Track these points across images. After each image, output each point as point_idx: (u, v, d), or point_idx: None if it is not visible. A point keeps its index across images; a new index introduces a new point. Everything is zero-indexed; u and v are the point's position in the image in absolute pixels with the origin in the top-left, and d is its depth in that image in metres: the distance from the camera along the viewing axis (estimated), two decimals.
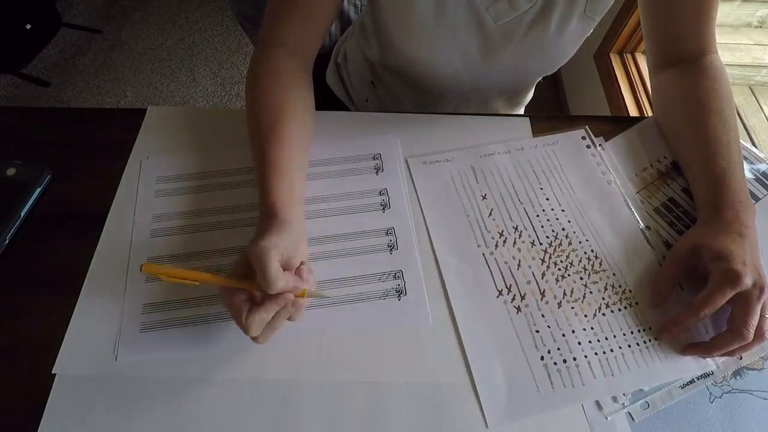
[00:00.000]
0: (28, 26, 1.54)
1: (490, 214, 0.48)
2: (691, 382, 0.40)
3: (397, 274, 0.44)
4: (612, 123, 0.57)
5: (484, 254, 0.46)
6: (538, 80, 0.69)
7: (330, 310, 0.42)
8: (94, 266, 0.44)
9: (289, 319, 0.38)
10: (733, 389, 0.40)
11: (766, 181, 0.52)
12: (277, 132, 0.44)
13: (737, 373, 0.41)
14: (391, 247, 0.46)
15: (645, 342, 0.42)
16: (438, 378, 0.39)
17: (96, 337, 0.40)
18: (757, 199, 0.51)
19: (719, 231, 0.43)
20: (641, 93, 1.27)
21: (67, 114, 0.56)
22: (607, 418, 0.38)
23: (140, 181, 0.49)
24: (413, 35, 0.55)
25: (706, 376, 0.40)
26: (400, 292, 0.43)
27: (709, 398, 0.40)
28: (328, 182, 0.50)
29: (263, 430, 0.37)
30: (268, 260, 0.35)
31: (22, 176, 0.48)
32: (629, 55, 1.35)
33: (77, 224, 0.46)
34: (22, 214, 0.46)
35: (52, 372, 0.38)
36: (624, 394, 0.39)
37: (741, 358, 0.41)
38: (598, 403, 0.39)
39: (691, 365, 0.41)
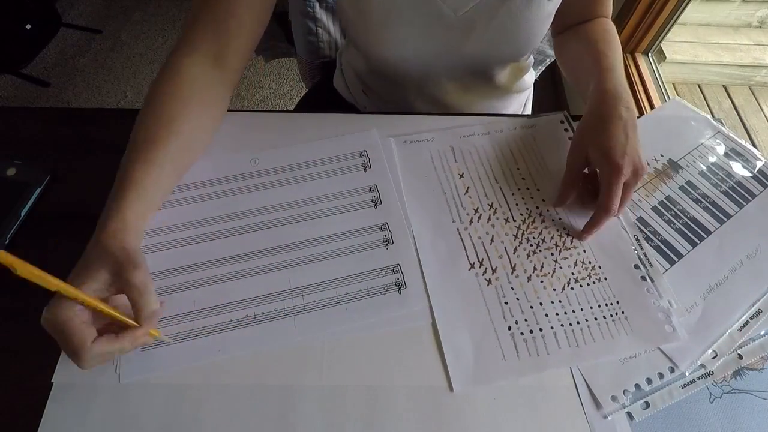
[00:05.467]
0: (28, 26, 1.54)
1: (467, 191, 0.50)
2: (692, 382, 0.40)
3: (395, 268, 0.45)
4: None
5: (458, 229, 0.47)
6: (524, 64, 0.67)
7: (333, 311, 0.42)
8: None
9: (119, 352, 0.36)
10: (733, 389, 0.40)
11: (762, 178, 0.52)
12: (152, 149, 0.41)
13: (737, 373, 0.41)
14: (387, 242, 0.46)
15: (612, 315, 0.43)
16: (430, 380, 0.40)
17: None
18: (753, 195, 0.51)
19: (601, 121, 0.47)
20: (641, 93, 1.27)
21: (67, 114, 0.56)
22: (607, 417, 0.38)
23: None
24: (372, 34, 0.55)
25: (706, 376, 0.40)
26: (400, 286, 0.44)
27: (709, 398, 0.40)
28: (317, 183, 0.50)
29: None
30: (151, 293, 0.35)
31: (22, 176, 0.48)
32: (629, 55, 1.35)
33: (77, 224, 0.46)
34: (22, 214, 0.46)
35: (52, 381, 0.38)
36: (624, 394, 0.39)
37: (741, 358, 0.41)
38: (597, 403, 0.39)
39: (656, 337, 0.42)
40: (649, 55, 1.35)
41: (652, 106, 1.23)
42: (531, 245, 0.47)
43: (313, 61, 0.79)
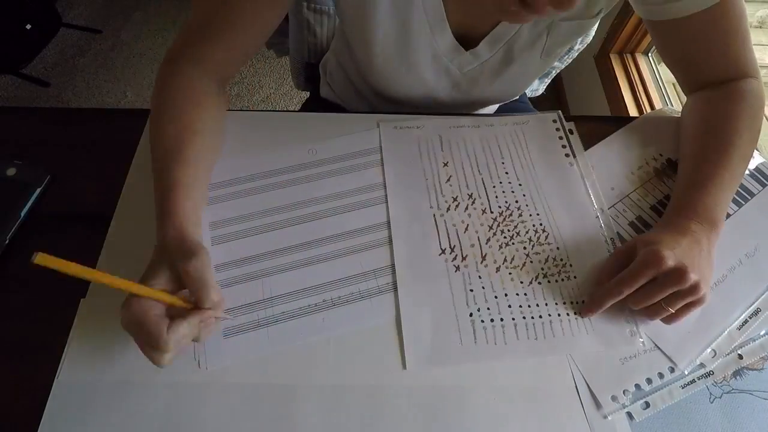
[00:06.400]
0: (28, 26, 1.53)
1: (448, 180, 0.51)
2: (692, 382, 0.40)
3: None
4: (612, 123, 0.57)
5: (434, 215, 0.48)
6: None
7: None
8: (100, 267, 0.43)
9: (194, 339, 0.36)
10: (733, 389, 0.40)
11: (761, 177, 0.53)
12: (183, 151, 0.42)
13: (737, 373, 0.41)
14: None
15: (576, 313, 0.43)
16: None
17: (100, 342, 0.40)
18: (752, 195, 0.51)
19: (661, 230, 0.44)
20: (641, 93, 1.27)
21: (67, 114, 0.56)
22: (607, 417, 0.38)
23: None
24: (379, 74, 0.57)
25: (706, 376, 0.40)
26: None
27: (709, 398, 0.40)
28: (377, 170, 0.51)
29: None
30: (207, 283, 0.35)
31: (22, 176, 0.48)
32: (629, 55, 1.35)
33: (77, 224, 0.46)
34: (22, 214, 0.46)
35: (58, 379, 0.38)
36: (624, 394, 0.39)
37: (741, 358, 0.41)
38: (597, 403, 0.39)
39: (617, 340, 0.42)
40: (649, 55, 1.35)
41: (652, 107, 1.23)
42: (505, 237, 0.47)
43: (299, 60, 0.80)
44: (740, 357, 0.41)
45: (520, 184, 0.51)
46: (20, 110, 0.58)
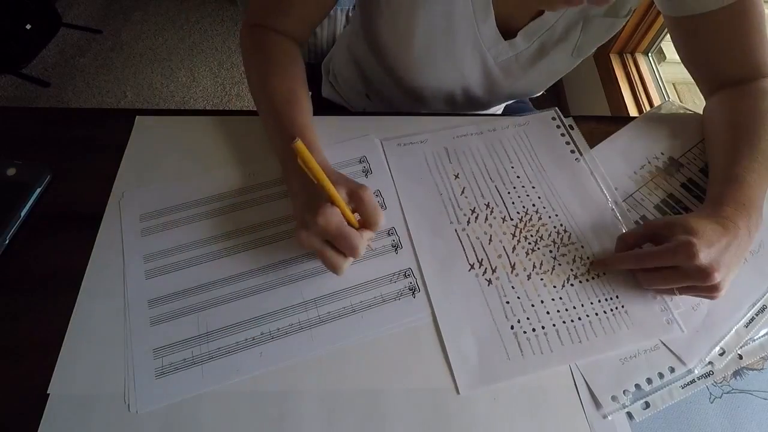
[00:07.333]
0: (28, 26, 1.53)
1: (462, 192, 0.50)
2: (692, 382, 0.40)
3: (407, 272, 0.44)
4: (612, 123, 0.57)
5: (456, 230, 0.47)
6: None
7: (349, 320, 0.42)
8: (87, 279, 0.43)
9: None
10: (733, 389, 0.40)
11: None
12: (299, 102, 0.48)
13: (737, 373, 0.41)
14: (396, 247, 0.46)
15: (612, 310, 0.43)
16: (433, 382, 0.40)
17: (92, 356, 0.39)
18: None
19: (704, 216, 0.42)
20: (641, 93, 1.27)
21: (67, 114, 0.56)
22: (607, 417, 0.38)
23: (123, 221, 0.46)
24: (415, 66, 0.57)
25: (706, 375, 0.40)
26: (413, 290, 0.44)
27: (709, 398, 0.40)
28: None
29: None
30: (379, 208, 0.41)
31: (22, 176, 0.48)
32: (629, 55, 1.35)
33: (77, 224, 0.46)
34: (22, 214, 0.46)
35: (57, 381, 0.38)
36: (624, 394, 0.39)
37: (741, 358, 0.41)
38: (597, 403, 0.39)
39: (656, 330, 0.42)
40: (649, 55, 1.35)
41: (652, 107, 1.23)
42: (529, 243, 0.47)
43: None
44: (740, 357, 0.41)
45: (533, 187, 0.50)
46: (20, 110, 0.58)
